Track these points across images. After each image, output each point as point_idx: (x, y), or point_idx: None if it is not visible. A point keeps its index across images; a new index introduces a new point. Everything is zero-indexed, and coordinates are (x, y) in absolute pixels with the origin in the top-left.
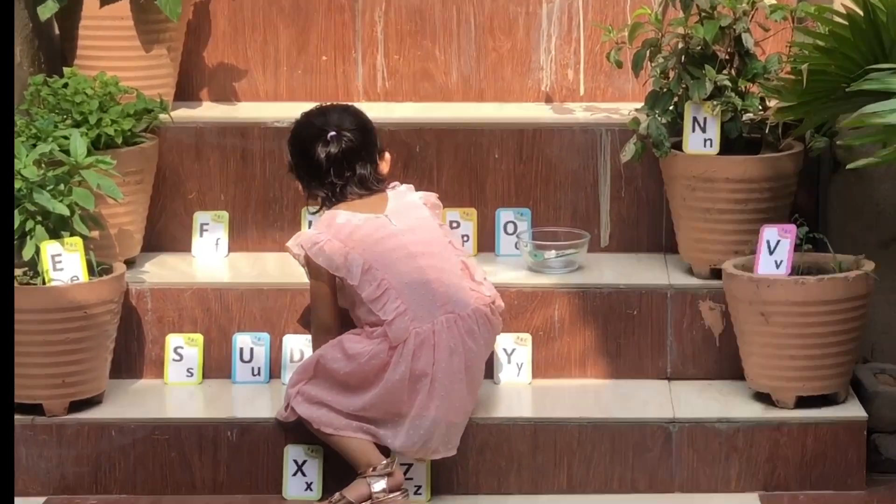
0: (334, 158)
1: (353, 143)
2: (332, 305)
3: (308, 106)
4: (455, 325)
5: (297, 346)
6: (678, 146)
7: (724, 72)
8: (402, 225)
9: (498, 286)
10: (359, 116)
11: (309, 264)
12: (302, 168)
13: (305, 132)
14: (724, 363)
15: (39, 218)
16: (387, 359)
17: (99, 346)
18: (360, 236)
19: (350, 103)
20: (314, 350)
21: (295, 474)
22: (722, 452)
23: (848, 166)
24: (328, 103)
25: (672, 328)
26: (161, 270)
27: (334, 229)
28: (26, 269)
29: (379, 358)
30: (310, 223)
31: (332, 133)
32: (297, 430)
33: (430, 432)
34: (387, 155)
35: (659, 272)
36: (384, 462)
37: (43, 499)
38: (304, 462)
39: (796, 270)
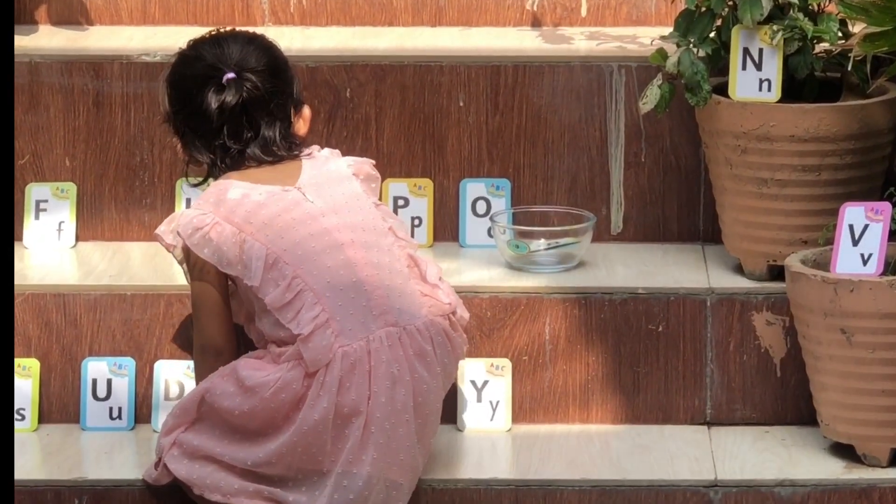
0: (230, 111)
1: (260, 91)
2: (223, 316)
3: (188, 33)
4: (399, 342)
5: (175, 375)
6: (722, 90)
7: None
8: (322, 203)
9: (462, 290)
10: (270, 52)
11: (189, 259)
12: (183, 120)
13: (192, 69)
14: (788, 401)
15: None
16: (301, 391)
17: None
18: (262, 218)
19: (257, 32)
20: (198, 381)
21: None
22: None
23: None
24: (226, 29)
25: (713, 351)
26: None
27: (225, 208)
28: None
29: (290, 390)
30: (188, 202)
31: (231, 75)
32: (172, 497)
33: (362, 496)
34: (306, 110)
35: (695, 270)
36: None
37: None
38: None
39: (891, 268)
